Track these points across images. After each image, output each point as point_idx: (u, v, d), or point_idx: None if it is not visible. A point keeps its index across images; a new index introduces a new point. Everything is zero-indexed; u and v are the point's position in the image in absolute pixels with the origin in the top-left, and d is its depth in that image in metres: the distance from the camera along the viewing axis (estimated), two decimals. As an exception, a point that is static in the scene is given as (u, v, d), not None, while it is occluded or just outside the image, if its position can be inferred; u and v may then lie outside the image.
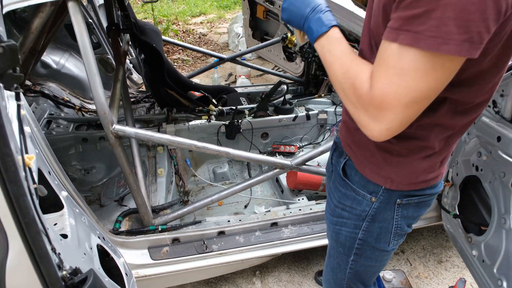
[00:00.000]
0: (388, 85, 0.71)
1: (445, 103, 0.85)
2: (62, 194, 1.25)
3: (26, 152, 0.79)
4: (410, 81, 0.69)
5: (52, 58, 2.78)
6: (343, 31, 0.93)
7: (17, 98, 0.71)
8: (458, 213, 1.81)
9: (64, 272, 0.84)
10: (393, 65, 0.71)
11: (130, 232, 1.77)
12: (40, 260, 0.75)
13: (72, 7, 1.32)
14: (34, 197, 0.78)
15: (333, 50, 0.85)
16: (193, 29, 7.45)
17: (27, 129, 1.15)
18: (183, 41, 6.65)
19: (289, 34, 2.89)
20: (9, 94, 0.92)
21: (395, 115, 0.73)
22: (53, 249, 0.81)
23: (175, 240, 1.80)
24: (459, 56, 0.67)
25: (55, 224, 1.16)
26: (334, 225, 1.16)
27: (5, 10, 1.23)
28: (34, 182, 0.83)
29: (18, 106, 0.72)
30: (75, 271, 0.88)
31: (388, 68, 0.71)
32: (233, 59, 3.27)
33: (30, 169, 0.79)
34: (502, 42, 0.73)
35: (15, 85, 0.69)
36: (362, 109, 0.77)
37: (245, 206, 2.34)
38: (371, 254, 1.15)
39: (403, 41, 0.68)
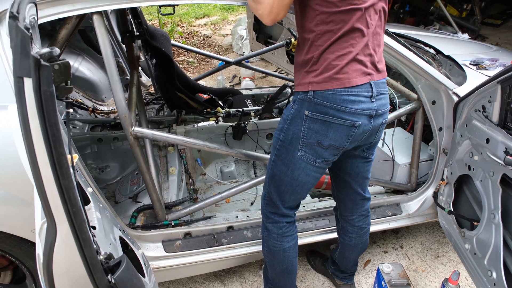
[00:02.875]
0: None
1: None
2: (88, 190, 1.38)
3: (71, 152, 0.91)
4: None
5: (67, 62, 2.90)
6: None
7: (67, 106, 0.83)
8: (452, 210, 1.92)
9: (101, 257, 0.97)
10: None
11: (145, 227, 1.90)
12: (84, 244, 0.87)
13: (96, 20, 1.44)
14: (79, 190, 0.90)
15: None
16: (197, 31, 7.58)
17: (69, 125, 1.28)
18: (187, 43, 6.78)
19: (292, 39, 3.00)
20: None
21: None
22: (93, 236, 0.94)
23: (187, 234, 1.92)
24: None
25: (84, 217, 1.29)
26: (275, 131, 1.49)
27: (39, 22, 1.36)
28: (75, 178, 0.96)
29: (67, 113, 0.84)
30: (109, 256, 1.00)
31: None
32: (238, 63, 3.39)
33: (73, 166, 0.92)
34: None
35: (66, 96, 0.82)
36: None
37: (251, 203, 2.46)
38: (285, 158, 1.44)
39: None
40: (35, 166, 0.80)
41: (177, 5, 1.54)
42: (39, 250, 0.92)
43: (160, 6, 1.58)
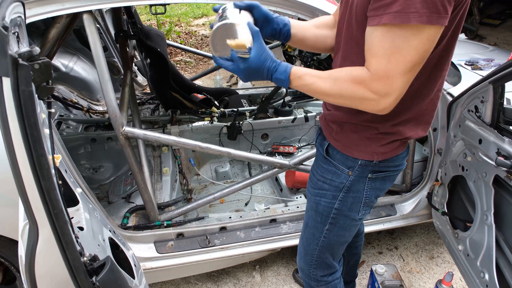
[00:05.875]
0: (389, 63, 0.89)
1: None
2: (77, 191, 1.36)
3: (54, 153, 0.90)
4: (405, 55, 0.88)
5: (61, 61, 2.90)
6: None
7: (49, 106, 0.82)
8: (446, 211, 1.91)
9: (85, 259, 0.95)
10: (388, 47, 0.88)
11: (137, 227, 1.89)
12: (67, 246, 0.86)
13: (86, 19, 1.43)
14: (61, 191, 0.89)
15: (306, 82, 1.02)
16: (195, 31, 7.57)
17: (46, 131, 1.27)
18: (185, 42, 6.77)
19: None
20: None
21: (399, 84, 0.91)
22: (76, 237, 0.93)
23: (180, 235, 1.91)
24: (434, 25, 0.84)
25: (72, 217, 1.28)
26: (315, 196, 1.34)
27: (27, 21, 1.35)
28: (59, 179, 0.95)
29: (49, 113, 0.83)
30: (94, 258, 0.99)
31: (385, 50, 0.89)
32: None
33: (56, 167, 0.91)
34: (456, 20, 0.94)
35: (48, 95, 0.80)
36: (372, 93, 0.93)
37: (246, 204, 2.45)
38: (344, 223, 1.33)
39: (388, 20, 0.85)
40: (15, 167, 0.79)
41: (168, 4, 1.53)
42: (22, 252, 0.91)
43: (151, 5, 1.57)
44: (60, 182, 0.94)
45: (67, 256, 0.87)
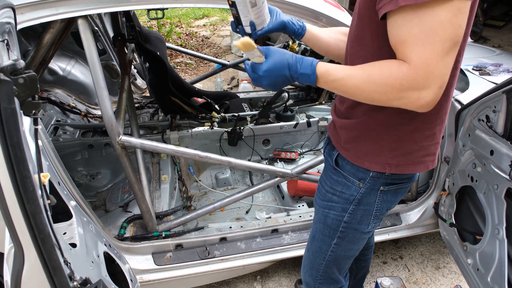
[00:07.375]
0: (424, 50, 0.78)
1: None
2: (71, 204, 1.31)
3: (41, 171, 0.84)
4: (440, 34, 0.77)
5: (59, 65, 2.84)
6: None
7: (35, 123, 0.76)
8: (454, 222, 1.85)
9: (75, 283, 0.89)
10: (417, 31, 0.77)
11: (134, 238, 1.83)
12: (54, 272, 0.80)
13: (81, 24, 1.38)
14: (49, 213, 0.83)
15: (336, 76, 0.92)
16: (196, 32, 7.51)
17: (39, 143, 1.20)
18: (186, 44, 6.71)
19: (290, 42, 2.93)
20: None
21: (440, 70, 0.80)
22: (65, 261, 0.87)
23: (178, 246, 1.85)
24: None
25: (65, 233, 1.22)
26: (324, 208, 1.28)
27: (18, 27, 1.29)
28: (47, 198, 0.89)
29: (36, 130, 0.77)
30: (85, 282, 0.93)
31: (415, 37, 0.78)
32: (235, 65, 3.32)
33: (44, 186, 0.85)
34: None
35: (34, 111, 0.74)
36: (411, 88, 0.82)
37: (247, 212, 2.39)
38: (352, 237, 1.27)
39: (407, 1, 0.75)
40: (-2, 189, 0.73)
41: (166, 8, 1.47)
42: (7, 277, 0.85)
43: (149, 10, 1.51)
44: (48, 201, 0.88)
45: (54, 282, 0.81)
